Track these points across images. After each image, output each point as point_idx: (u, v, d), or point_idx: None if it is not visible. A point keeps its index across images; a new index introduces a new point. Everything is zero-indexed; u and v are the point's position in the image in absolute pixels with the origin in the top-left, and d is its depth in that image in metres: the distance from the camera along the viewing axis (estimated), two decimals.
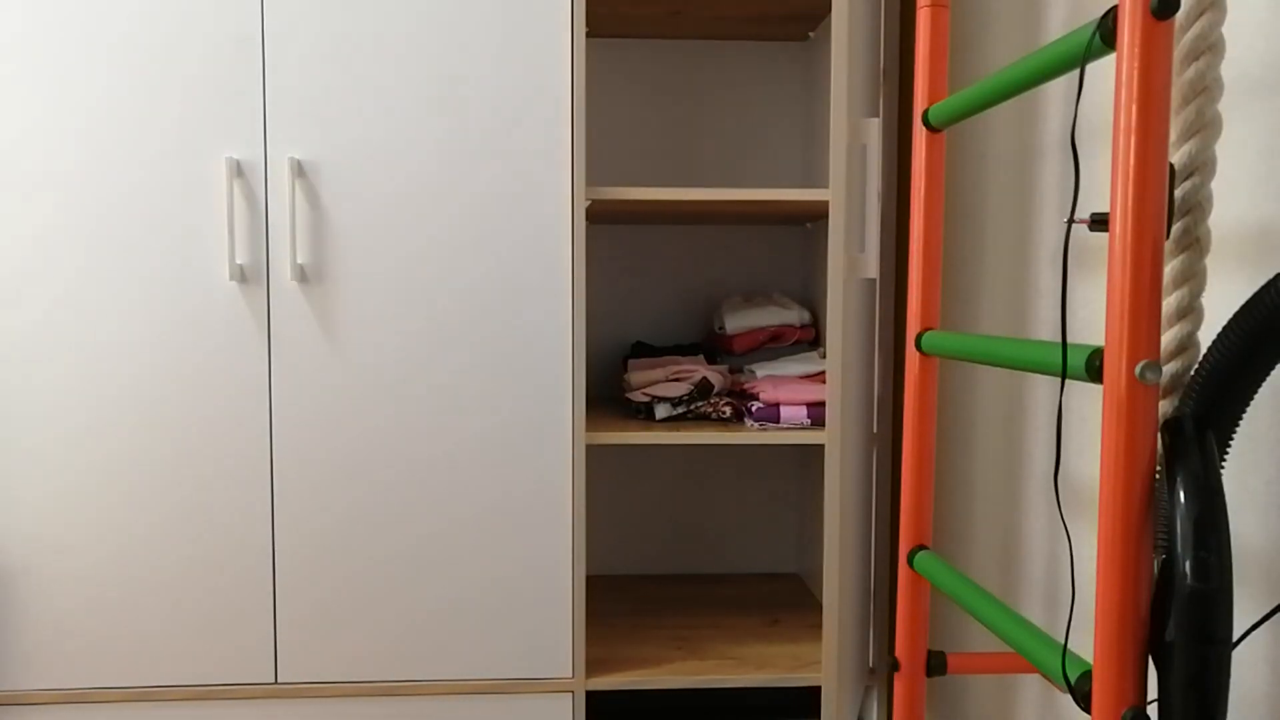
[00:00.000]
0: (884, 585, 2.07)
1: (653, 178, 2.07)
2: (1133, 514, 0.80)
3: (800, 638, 1.79)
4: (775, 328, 1.93)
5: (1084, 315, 1.28)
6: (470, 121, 1.58)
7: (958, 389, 1.78)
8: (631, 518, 2.14)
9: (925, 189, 1.20)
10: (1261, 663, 0.98)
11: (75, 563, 1.58)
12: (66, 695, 1.58)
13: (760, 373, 1.82)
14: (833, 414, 1.64)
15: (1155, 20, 0.77)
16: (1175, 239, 0.84)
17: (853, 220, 1.66)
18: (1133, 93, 0.78)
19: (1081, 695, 0.83)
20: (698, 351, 1.95)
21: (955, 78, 1.73)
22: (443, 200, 1.58)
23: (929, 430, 1.22)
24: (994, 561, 1.63)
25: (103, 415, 1.56)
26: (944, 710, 1.87)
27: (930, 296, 1.21)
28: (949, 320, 1.80)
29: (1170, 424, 0.81)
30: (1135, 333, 0.78)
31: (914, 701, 1.22)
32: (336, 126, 1.57)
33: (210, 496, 1.59)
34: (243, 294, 1.57)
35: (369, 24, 1.56)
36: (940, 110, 1.16)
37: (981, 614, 1.03)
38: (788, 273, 2.11)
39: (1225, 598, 0.76)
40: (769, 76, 2.08)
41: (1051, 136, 1.43)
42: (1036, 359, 0.93)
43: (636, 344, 2.03)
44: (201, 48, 1.55)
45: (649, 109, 2.07)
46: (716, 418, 1.77)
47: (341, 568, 1.61)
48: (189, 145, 1.55)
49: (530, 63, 1.58)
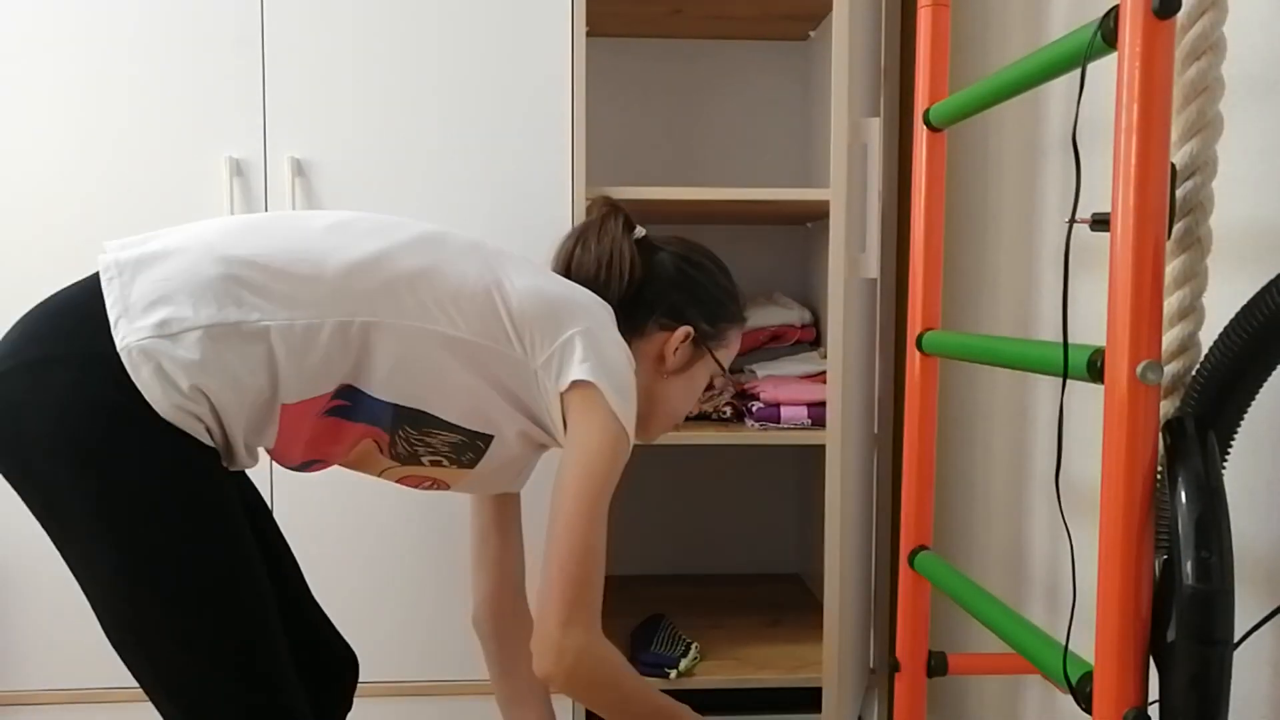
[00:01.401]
0: (885, 585, 2.07)
1: (653, 178, 2.07)
2: (1134, 514, 0.79)
3: (801, 638, 1.79)
4: (776, 328, 1.93)
5: (1085, 315, 1.28)
6: (470, 121, 1.58)
7: (959, 389, 1.77)
8: (632, 518, 2.14)
9: (926, 189, 1.20)
10: (1263, 664, 0.98)
11: None
12: (66, 695, 1.58)
13: (761, 373, 1.81)
14: (833, 414, 1.64)
15: (1157, 20, 0.77)
16: (1176, 239, 0.84)
17: (853, 220, 1.66)
18: (1134, 92, 0.78)
19: (1083, 696, 0.83)
20: None
21: (956, 77, 1.73)
22: (442, 200, 1.58)
23: (930, 430, 1.22)
24: (995, 562, 1.63)
25: None
26: (945, 711, 1.87)
27: (931, 296, 1.21)
28: (950, 320, 1.80)
29: (1171, 424, 0.81)
30: (1136, 333, 0.78)
31: (915, 702, 1.22)
32: (336, 126, 1.57)
33: None
34: None
35: (369, 24, 1.56)
36: (941, 110, 1.16)
37: (982, 614, 1.02)
38: (788, 273, 2.11)
39: (1226, 598, 0.75)
40: (769, 76, 2.08)
41: (1053, 136, 1.43)
42: (1037, 359, 0.93)
43: None
44: (201, 48, 1.55)
45: (649, 109, 2.07)
46: (717, 418, 1.76)
47: (341, 568, 1.61)
48: (189, 145, 1.55)
49: (530, 62, 1.58)
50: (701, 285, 1.30)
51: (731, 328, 1.33)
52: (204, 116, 1.55)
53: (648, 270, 1.27)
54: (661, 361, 1.27)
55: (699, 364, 1.31)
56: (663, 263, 1.28)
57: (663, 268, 1.28)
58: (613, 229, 1.27)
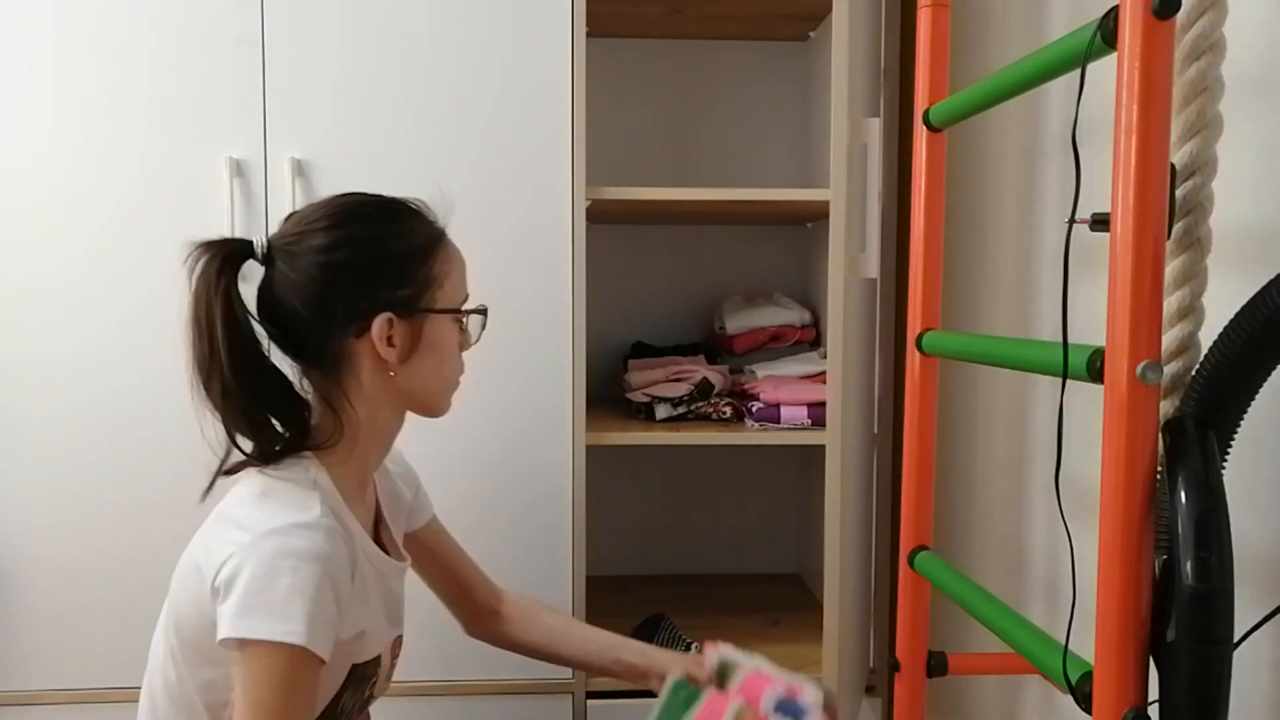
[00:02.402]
0: (885, 585, 2.07)
1: (653, 178, 2.07)
2: (1134, 514, 0.80)
3: (801, 638, 1.79)
4: (776, 328, 1.93)
5: (1085, 315, 1.28)
6: (470, 121, 1.58)
7: (959, 389, 1.78)
8: (632, 518, 2.14)
9: (926, 189, 1.20)
10: (1262, 663, 0.98)
11: (75, 563, 1.57)
12: (66, 695, 1.58)
13: (760, 373, 1.81)
14: (833, 414, 1.64)
15: (1156, 20, 0.77)
16: (1176, 239, 0.84)
17: (853, 220, 1.66)
18: (1134, 93, 0.78)
19: (1082, 696, 0.83)
20: (698, 351, 1.95)
21: (956, 77, 1.73)
22: (442, 199, 1.58)
23: (930, 430, 1.22)
24: (995, 562, 1.63)
25: (104, 415, 1.56)
26: (944, 711, 1.87)
27: (931, 296, 1.21)
28: (950, 320, 1.80)
29: (1171, 424, 0.81)
30: (1136, 333, 0.78)
31: (914, 702, 1.22)
32: (336, 126, 1.57)
33: (210, 496, 1.58)
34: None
35: (369, 24, 1.56)
36: (941, 110, 1.16)
37: (982, 614, 1.02)
38: (788, 273, 2.11)
39: (1226, 598, 0.76)
40: (769, 76, 2.08)
41: (1052, 136, 1.43)
42: (1037, 359, 0.93)
43: (636, 344, 2.03)
44: (201, 48, 1.55)
45: (649, 109, 2.07)
46: (717, 418, 1.76)
47: None
48: (189, 145, 1.55)
49: (530, 62, 1.58)
50: (359, 261, 1.04)
51: (428, 267, 1.07)
52: (204, 116, 1.55)
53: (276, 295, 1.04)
54: (382, 362, 1.05)
55: (429, 329, 1.07)
56: (292, 271, 1.03)
57: (295, 277, 1.03)
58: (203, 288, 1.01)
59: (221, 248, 1.02)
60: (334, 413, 1.05)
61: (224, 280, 1.01)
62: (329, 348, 1.05)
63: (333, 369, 1.06)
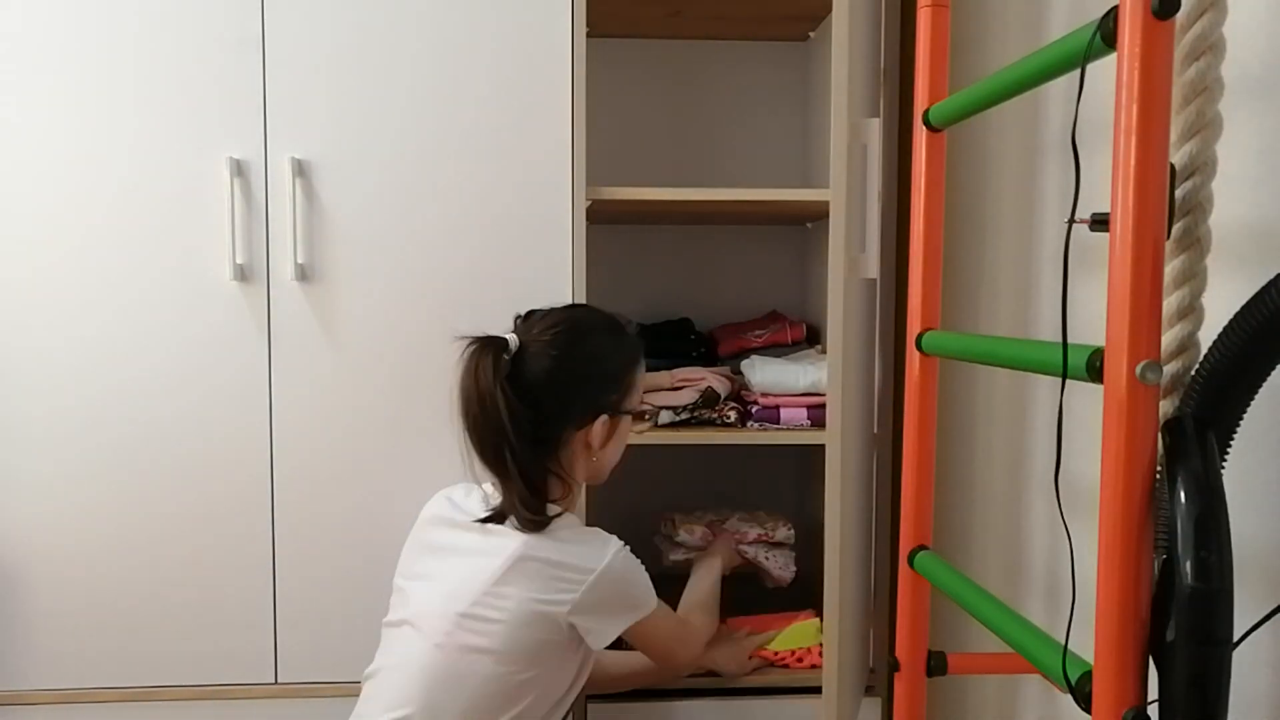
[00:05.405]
0: (884, 585, 2.06)
1: (653, 178, 2.07)
2: (1133, 514, 0.80)
3: None
4: (774, 332, 1.92)
5: (1085, 315, 1.28)
6: (470, 121, 1.58)
7: (958, 389, 1.78)
8: (632, 518, 2.13)
9: (926, 189, 1.20)
10: (1262, 663, 0.98)
11: (75, 563, 1.57)
12: (66, 695, 1.58)
13: (757, 378, 1.81)
14: (833, 414, 1.64)
15: (1156, 20, 0.77)
16: (1176, 239, 0.84)
17: (853, 220, 1.66)
18: (1133, 93, 0.78)
19: (1082, 695, 0.83)
20: (689, 352, 1.93)
21: (956, 78, 1.73)
22: (443, 200, 1.58)
23: (930, 430, 1.22)
24: (995, 562, 1.63)
25: (103, 414, 1.56)
26: (944, 711, 1.87)
27: (931, 296, 1.21)
28: (949, 320, 1.80)
29: (1171, 424, 0.81)
30: (1136, 333, 0.78)
31: (914, 702, 1.22)
32: (336, 126, 1.57)
33: (210, 496, 1.58)
34: (243, 293, 1.57)
35: (369, 24, 1.56)
36: (941, 110, 1.16)
37: (982, 614, 1.02)
38: (788, 273, 2.11)
39: (1226, 598, 0.75)
40: (769, 76, 2.08)
41: (1052, 136, 1.43)
42: (1037, 359, 0.93)
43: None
44: (202, 48, 1.55)
45: (649, 109, 2.07)
46: (721, 423, 1.76)
47: (341, 568, 1.61)
48: (189, 145, 1.55)
49: (531, 62, 1.58)
50: (588, 374, 1.36)
51: (631, 376, 1.40)
52: (204, 116, 1.55)
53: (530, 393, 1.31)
54: (589, 448, 1.37)
55: (622, 424, 1.41)
56: (540, 372, 1.32)
57: (542, 378, 1.32)
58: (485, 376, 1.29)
59: (491, 344, 1.30)
60: (563, 481, 1.37)
61: (500, 375, 1.28)
62: (553, 433, 1.35)
63: (549, 449, 1.35)
